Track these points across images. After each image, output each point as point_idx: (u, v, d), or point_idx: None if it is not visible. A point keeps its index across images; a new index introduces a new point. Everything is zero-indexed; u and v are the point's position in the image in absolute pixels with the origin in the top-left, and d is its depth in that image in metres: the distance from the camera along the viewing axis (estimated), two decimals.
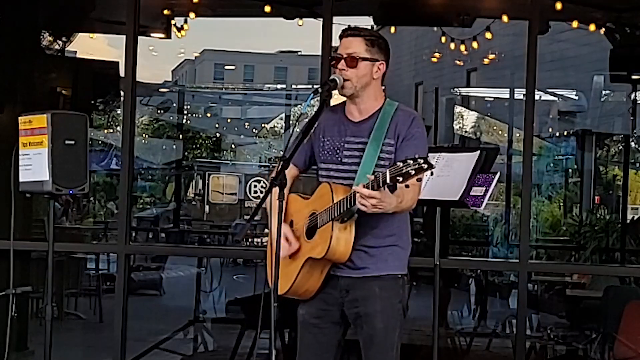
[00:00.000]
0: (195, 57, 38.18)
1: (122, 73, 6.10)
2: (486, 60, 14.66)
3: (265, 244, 3.75)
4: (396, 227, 3.58)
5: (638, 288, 7.92)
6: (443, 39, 10.74)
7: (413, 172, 3.07)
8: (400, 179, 3.09)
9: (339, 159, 3.58)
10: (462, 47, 10.63)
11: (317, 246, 3.44)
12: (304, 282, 3.52)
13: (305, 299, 3.61)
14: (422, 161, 3.07)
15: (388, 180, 3.12)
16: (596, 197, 16.09)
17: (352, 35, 3.57)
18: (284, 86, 27.93)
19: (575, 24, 9.31)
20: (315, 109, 3.55)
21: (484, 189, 4.27)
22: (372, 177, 3.19)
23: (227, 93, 21.96)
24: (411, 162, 3.08)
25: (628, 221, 12.75)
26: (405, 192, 3.34)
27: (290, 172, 3.55)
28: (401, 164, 3.09)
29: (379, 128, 3.51)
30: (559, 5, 7.39)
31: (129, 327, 5.95)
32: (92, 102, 9.82)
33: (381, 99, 3.61)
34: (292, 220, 3.59)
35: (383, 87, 3.65)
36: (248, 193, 20.09)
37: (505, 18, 8.57)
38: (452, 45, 10.72)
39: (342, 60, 3.52)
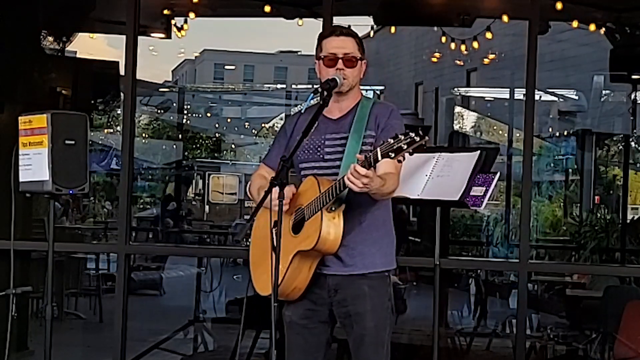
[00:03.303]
0: (195, 57, 38.18)
1: (122, 73, 6.10)
2: (486, 60, 14.67)
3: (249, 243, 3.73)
4: (382, 223, 3.60)
5: (638, 288, 7.92)
6: (443, 39, 10.75)
7: (405, 145, 3.06)
8: (393, 154, 3.09)
9: (321, 156, 3.60)
10: (462, 47, 10.63)
11: (307, 238, 3.43)
12: (293, 278, 3.50)
13: (291, 300, 3.59)
14: (413, 134, 3.06)
15: (379, 158, 3.11)
16: (596, 197, 16.10)
17: (346, 35, 3.61)
18: (284, 86, 27.92)
19: (575, 24, 9.31)
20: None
21: (484, 189, 4.27)
22: (362, 157, 3.19)
23: (228, 92, 21.97)
24: (402, 137, 3.07)
25: (628, 221, 12.77)
26: (387, 177, 3.36)
27: (270, 174, 3.55)
28: (392, 140, 3.09)
29: (359, 121, 3.55)
30: (559, 5, 7.39)
31: (129, 327, 5.95)
32: (92, 102, 9.82)
33: (359, 95, 3.67)
34: (275, 221, 3.58)
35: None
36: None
37: (505, 18, 8.57)
38: (452, 45, 10.73)
39: (340, 60, 3.55)
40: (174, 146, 18.27)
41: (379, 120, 3.55)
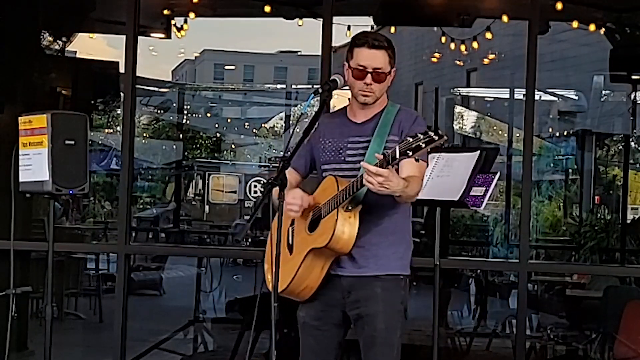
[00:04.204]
0: (195, 57, 38.19)
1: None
2: (486, 60, 14.68)
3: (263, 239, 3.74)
4: (399, 227, 3.59)
5: (638, 288, 7.92)
6: (443, 39, 10.76)
7: (424, 144, 3.07)
8: (411, 152, 3.09)
9: (342, 158, 3.59)
10: (462, 47, 10.65)
11: (321, 235, 3.43)
12: (305, 277, 3.49)
13: (303, 300, 3.59)
14: (432, 133, 3.07)
15: (398, 156, 3.11)
16: (596, 197, 16.10)
17: (378, 47, 3.53)
18: (284, 86, 27.90)
19: (575, 24, 9.33)
20: (315, 109, 3.57)
21: (484, 189, 4.27)
22: (381, 156, 3.19)
23: (228, 91, 21.96)
24: (421, 135, 3.08)
25: (628, 221, 12.76)
26: (411, 180, 3.36)
27: (292, 176, 3.58)
28: (410, 139, 3.09)
29: (383, 126, 3.55)
30: (559, 5, 7.40)
31: (129, 327, 5.95)
32: (92, 102, 9.82)
33: (384, 101, 3.64)
34: (293, 219, 3.58)
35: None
36: (248, 193, 20.09)
37: (505, 18, 8.58)
38: (452, 45, 10.74)
39: (369, 75, 3.51)
40: (174, 146, 18.26)
41: (402, 126, 3.53)
